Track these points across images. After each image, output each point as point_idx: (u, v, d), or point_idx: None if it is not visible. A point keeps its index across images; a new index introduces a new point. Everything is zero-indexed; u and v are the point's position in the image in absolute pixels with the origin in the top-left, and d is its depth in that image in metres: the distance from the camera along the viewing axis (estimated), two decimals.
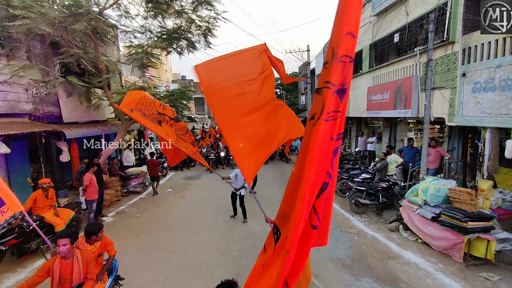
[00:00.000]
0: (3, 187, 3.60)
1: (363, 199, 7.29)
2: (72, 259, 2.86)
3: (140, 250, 5.57)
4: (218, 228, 6.67)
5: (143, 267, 4.94)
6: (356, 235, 6.16)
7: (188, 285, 4.39)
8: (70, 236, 2.78)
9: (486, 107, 5.83)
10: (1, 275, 4.78)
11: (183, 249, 5.59)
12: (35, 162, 8.15)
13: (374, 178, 8.07)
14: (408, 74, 8.65)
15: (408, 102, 8.29)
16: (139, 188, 10.06)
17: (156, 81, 19.66)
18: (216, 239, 6.06)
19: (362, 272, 4.69)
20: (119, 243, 5.63)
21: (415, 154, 8.36)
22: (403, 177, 8.21)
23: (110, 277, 3.52)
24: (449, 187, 5.59)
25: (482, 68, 5.92)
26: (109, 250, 3.50)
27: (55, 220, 5.52)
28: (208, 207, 8.19)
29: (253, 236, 6.14)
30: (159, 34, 9.62)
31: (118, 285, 3.83)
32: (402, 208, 6.34)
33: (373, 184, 7.66)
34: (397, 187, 7.55)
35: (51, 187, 5.73)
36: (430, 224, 5.51)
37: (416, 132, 10.58)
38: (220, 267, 4.92)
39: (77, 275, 2.84)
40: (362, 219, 7.04)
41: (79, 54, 7.39)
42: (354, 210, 7.48)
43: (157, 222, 7.11)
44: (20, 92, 7.23)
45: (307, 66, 22.50)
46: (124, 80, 12.61)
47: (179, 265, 4.98)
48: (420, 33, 8.08)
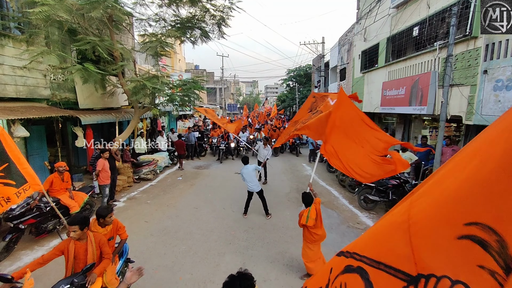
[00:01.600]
0: (26, 166, 3.74)
1: (372, 196, 7.21)
2: (86, 241, 2.98)
3: (150, 236, 5.73)
4: (226, 217, 6.77)
5: (152, 251, 5.10)
6: (363, 231, 6.12)
7: (195, 271, 4.51)
8: (79, 223, 2.89)
9: (507, 106, 5.59)
10: (20, 252, 5.04)
11: (191, 236, 5.72)
12: (52, 146, 8.44)
13: None
14: (425, 69, 8.36)
15: (424, 98, 8.04)
16: (150, 175, 10.28)
17: (170, 70, 19.77)
18: (223, 228, 6.16)
19: None
20: (130, 227, 5.81)
21: (429, 152, 8.16)
22: (415, 175, 8.05)
23: (121, 259, 3.66)
24: None
25: (506, 66, 5.66)
26: (121, 234, 3.62)
27: (70, 202, 5.74)
28: (217, 197, 8.30)
29: (260, 227, 6.20)
30: (173, 23, 9.62)
31: (128, 268, 3.98)
32: None
33: (383, 181, 7.55)
34: (408, 185, 7.43)
35: (67, 171, 5.93)
36: None
37: (431, 130, 10.29)
38: (226, 255, 5.02)
39: (91, 255, 2.97)
40: (370, 215, 6.99)
41: (95, 42, 7.50)
42: (363, 206, 7.42)
43: (166, 209, 7.27)
44: (38, 77, 7.44)
45: (321, 59, 22.07)
46: (138, 68, 12.74)
47: (187, 252, 5.12)
48: (441, 27, 7.76)
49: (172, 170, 11.76)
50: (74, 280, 2.68)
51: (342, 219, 6.71)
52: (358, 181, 7.72)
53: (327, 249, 5.29)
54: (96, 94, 9.32)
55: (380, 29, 10.83)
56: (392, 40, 10.35)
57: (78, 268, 2.92)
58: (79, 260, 2.94)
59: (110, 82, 9.60)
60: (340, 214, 7.06)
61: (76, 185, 7.68)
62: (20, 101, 7.00)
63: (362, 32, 12.62)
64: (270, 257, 4.97)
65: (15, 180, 3.60)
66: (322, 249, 5.28)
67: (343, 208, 7.52)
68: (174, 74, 21.84)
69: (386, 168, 4.00)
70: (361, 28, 12.72)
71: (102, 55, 7.71)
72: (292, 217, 6.61)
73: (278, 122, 22.91)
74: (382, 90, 10.73)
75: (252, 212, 7.13)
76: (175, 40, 10.08)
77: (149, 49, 9.23)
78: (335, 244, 5.49)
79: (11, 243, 4.98)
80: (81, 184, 8.07)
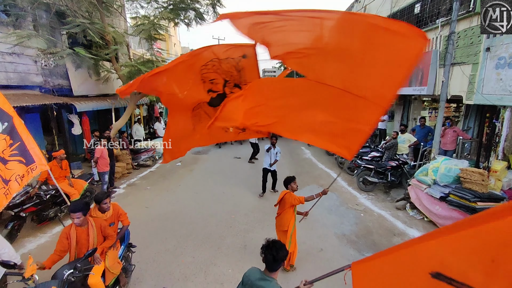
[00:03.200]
0: (34, 145, 3.75)
1: (371, 177, 7.27)
2: (87, 226, 3.02)
3: (151, 221, 5.80)
4: (226, 202, 6.83)
5: (153, 236, 5.17)
6: (362, 212, 6.22)
7: (197, 254, 4.59)
8: (82, 209, 2.95)
9: (509, 84, 5.52)
10: (23, 239, 5.11)
11: (191, 221, 5.79)
12: (48, 134, 8.36)
13: (383, 157, 7.99)
14: (426, 49, 8.19)
15: (424, 78, 7.93)
16: (149, 161, 10.29)
17: (165, 54, 19.32)
18: (223, 212, 6.23)
19: (366, 248, 4.79)
20: (131, 213, 5.82)
21: (427, 133, 8.14)
22: (414, 156, 8.08)
23: (123, 244, 3.70)
24: (460, 167, 5.49)
25: (509, 42, 5.53)
26: (123, 220, 3.65)
27: (70, 190, 5.74)
28: (216, 182, 8.34)
29: (259, 210, 6.28)
30: (165, 4, 9.28)
31: (130, 252, 4.04)
32: (410, 187, 6.30)
33: (382, 163, 7.60)
34: (406, 166, 7.47)
35: (64, 159, 5.90)
36: (438, 203, 5.49)
37: (431, 110, 10.24)
38: (227, 238, 5.10)
39: (93, 240, 3.02)
40: (369, 197, 7.07)
41: (85, 25, 7.25)
42: (362, 188, 7.50)
43: (166, 195, 7.32)
44: (29, 64, 7.24)
45: None
46: (132, 52, 12.43)
47: (188, 236, 5.19)
48: (443, 3, 7.52)
49: None
50: (77, 264, 2.72)
51: (342, 201, 6.79)
52: (357, 163, 7.80)
53: (326, 230, 5.39)
54: (90, 80, 9.14)
55: (381, 7, 10.51)
56: (393, 18, 10.07)
57: (80, 253, 2.96)
58: (82, 245, 2.98)
59: (104, 67, 9.39)
60: (340, 196, 7.13)
61: (75, 173, 7.68)
62: (11, 88, 6.85)
63: (362, 11, 12.26)
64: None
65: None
66: (321, 230, 5.39)
67: (342, 190, 7.59)
68: (169, 59, 21.39)
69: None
70: (361, 7, 12.34)
71: (93, 39, 7.47)
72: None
73: None
74: None
75: (251, 196, 7.19)
76: (169, 22, 9.78)
77: (142, 32, 8.96)
78: (335, 225, 5.58)
79: (14, 230, 5.03)
80: (80, 172, 8.07)
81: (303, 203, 3.93)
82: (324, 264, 4.35)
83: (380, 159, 8.12)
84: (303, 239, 4.99)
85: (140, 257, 4.41)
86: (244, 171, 9.46)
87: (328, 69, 2.53)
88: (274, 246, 2.12)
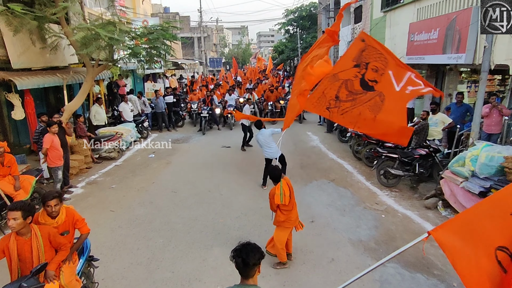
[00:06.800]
0: None
1: (394, 169, 7.32)
2: (30, 236, 2.95)
3: (118, 228, 5.79)
4: (213, 202, 6.85)
5: (122, 247, 5.17)
6: (383, 212, 6.29)
7: (177, 269, 4.62)
8: (23, 209, 2.82)
9: None
10: None
11: (170, 227, 5.80)
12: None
13: (410, 143, 8.01)
14: (465, 5, 8.11)
15: (462, 43, 7.89)
16: (114, 153, 10.20)
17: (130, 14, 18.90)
18: (210, 215, 6.25)
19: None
20: (92, 218, 5.83)
21: (465, 112, 8.18)
22: (448, 142, 8.14)
23: (82, 257, 3.69)
24: (505, 155, 5.54)
25: None
26: (80, 227, 3.58)
27: (11, 190, 5.66)
28: (200, 177, 8.34)
29: (255, 212, 6.31)
30: None
31: (92, 267, 4.04)
32: (443, 180, 6.37)
33: (408, 151, 7.64)
34: (439, 155, 7.53)
35: (8, 152, 5.79)
36: (477, 200, 5.57)
37: (470, 84, 10.26)
38: (215, 248, 5.13)
39: (37, 253, 2.95)
40: (392, 194, 7.15)
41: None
42: (383, 183, 7.56)
43: (137, 195, 7.31)
44: None
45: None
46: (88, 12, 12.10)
47: (165, 246, 5.21)
48: None
49: (141, 145, 11.66)
50: (23, 284, 2.70)
51: (358, 199, 6.85)
52: (377, 152, 7.84)
53: (338, 235, 5.45)
54: (34, 49, 8.89)
55: None
56: None
57: (25, 270, 2.93)
58: (25, 259, 2.94)
59: (51, 31, 9.12)
60: (355, 193, 7.19)
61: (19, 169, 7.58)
62: None
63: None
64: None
65: None
66: (333, 236, 5.45)
67: (358, 185, 7.66)
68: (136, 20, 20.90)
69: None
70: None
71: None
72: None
73: (275, 79, 22.55)
74: (409, 34, 10.49)
75: (244, 194, 7.21)
76: None
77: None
78: (350, 229, 5.64)
79: None
80: (25, 167, 7.94)
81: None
82: (336, 277, 4.41)
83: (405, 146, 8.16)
84: (310, 247, 5.04)
85: (105, 273, 4.42)
86: (235, 163, 9.47)
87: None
88: (245, 249, 2.33)
